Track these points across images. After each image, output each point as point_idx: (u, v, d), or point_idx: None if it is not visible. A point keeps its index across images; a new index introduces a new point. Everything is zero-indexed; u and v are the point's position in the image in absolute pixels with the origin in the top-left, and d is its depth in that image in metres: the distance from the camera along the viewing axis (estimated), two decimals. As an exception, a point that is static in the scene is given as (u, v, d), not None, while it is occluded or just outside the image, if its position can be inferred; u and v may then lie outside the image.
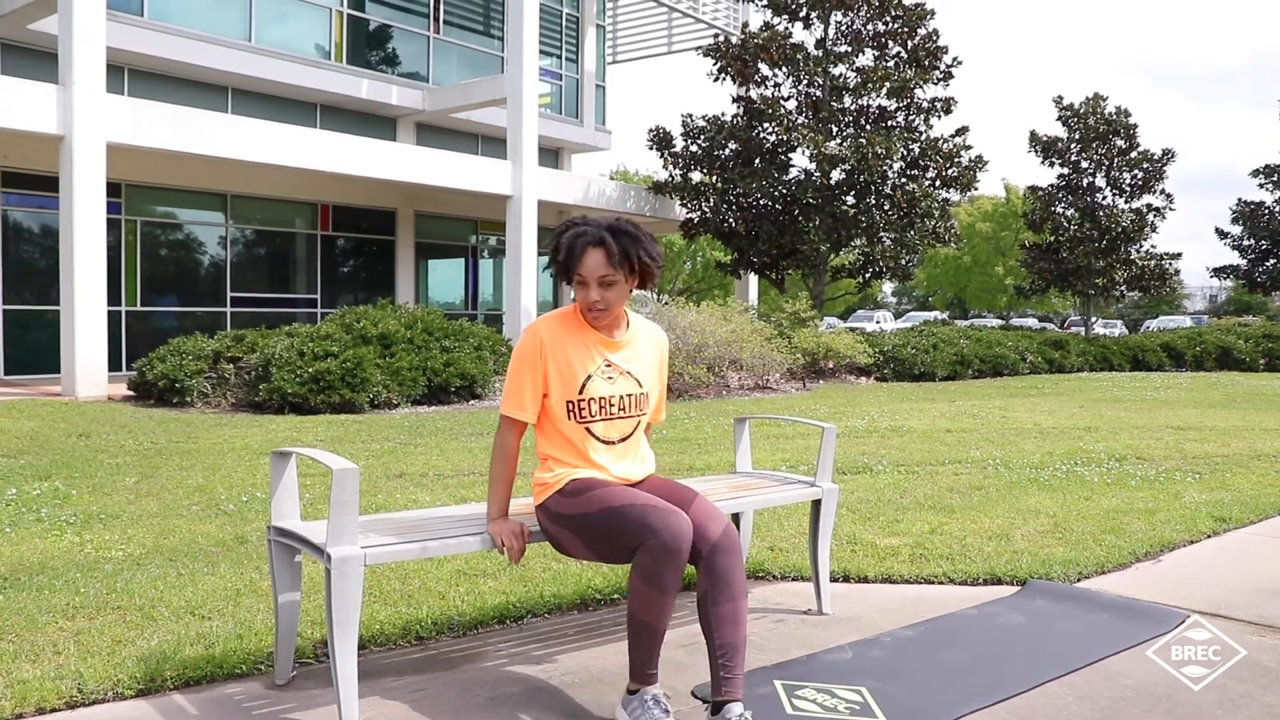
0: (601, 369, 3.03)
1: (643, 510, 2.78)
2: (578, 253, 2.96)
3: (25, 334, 15.27)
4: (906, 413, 11.72)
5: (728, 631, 2.74)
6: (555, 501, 2.99)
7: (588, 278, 2.96)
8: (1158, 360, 22.97)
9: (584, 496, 2.92)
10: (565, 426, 3.02)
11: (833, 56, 21.02)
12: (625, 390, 3.06)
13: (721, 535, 2.82)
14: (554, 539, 3.04)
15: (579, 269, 2.96)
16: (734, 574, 2.79)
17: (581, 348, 3.03)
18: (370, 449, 8.30)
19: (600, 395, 3.00)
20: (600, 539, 2.87)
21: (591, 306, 2.99)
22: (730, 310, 16.39)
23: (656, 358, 3.22)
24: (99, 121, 12.50)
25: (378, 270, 20.68)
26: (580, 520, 2.90)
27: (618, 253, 2.96)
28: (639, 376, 3.11)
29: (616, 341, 3.09)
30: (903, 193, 20.70)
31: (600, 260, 2.95)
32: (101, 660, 3.20)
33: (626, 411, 3.06)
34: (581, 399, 2.98)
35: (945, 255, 52.21)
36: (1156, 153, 25.99)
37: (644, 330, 3.21)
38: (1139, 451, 8.40)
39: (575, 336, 3.04)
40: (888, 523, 5.48)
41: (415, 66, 21.19)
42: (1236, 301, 54.24)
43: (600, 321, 3.03)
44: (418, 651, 3.47)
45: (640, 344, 3.17)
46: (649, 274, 3.04)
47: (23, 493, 6.06)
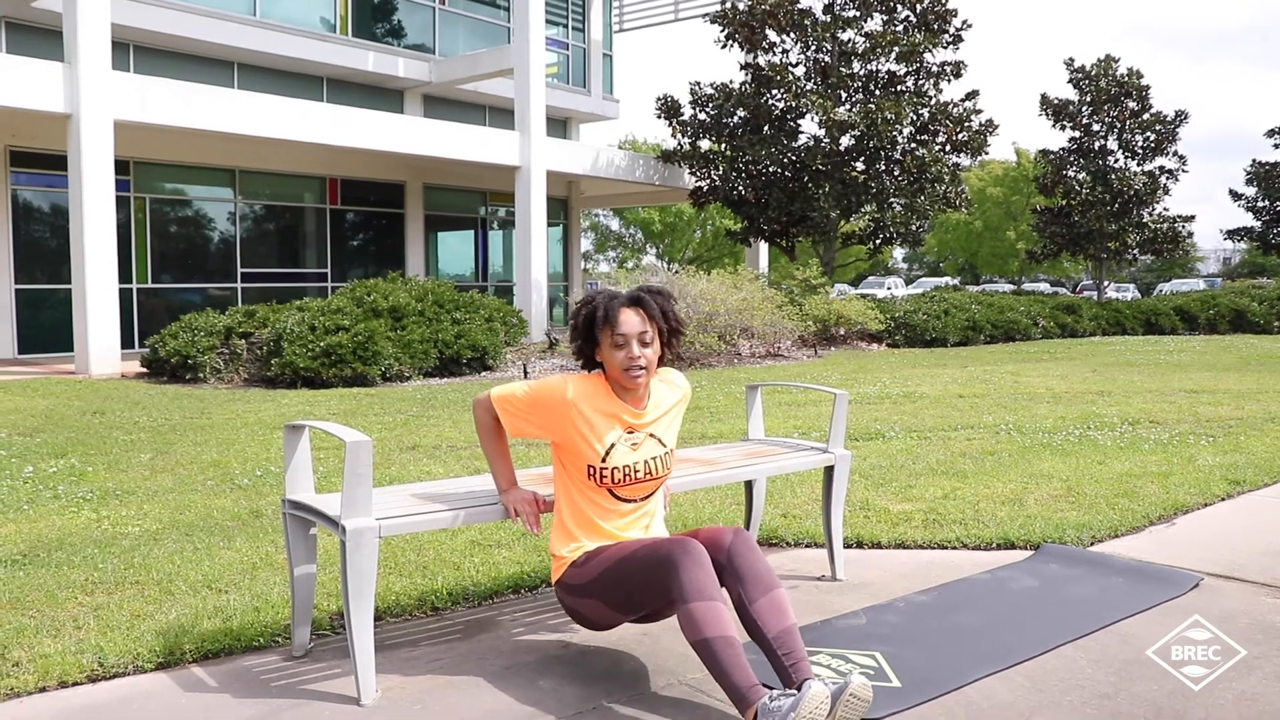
0: (624, 438, 2.98)
1: (652, 543, 2.80)
2: (614, 314, 2.92)
3: (38, 313, 15.33)
4: (918, 379, 11.70)
5: (775, 621, 2.69)
6: (570, 574, 2.97)
7: (629, 336, 2.91)
8: (1171, 324, 22.84)
9: (596, 560, 2.91)
10: (587, 487, 2.99)
11: (841, 21, 20.81)
12: (649, 454, 3.02)
13: (735, 538, 2.82)
14: (577, 614, 3.01)
15: (618, 330, 2.91)
16: (759, 566, 2.78)
17: (607, 415, 2.98)
18: (383, 421, 8.32)
19: (623, 464, 2.97)
20: (621, 589, 2.83)
21: (633, 364, 2.92)
22: (741, 278, 16.35)
23: (679, 407, 3.18)
24: (106, 99, 12.47)
25: (387, 243, 20.67)
26: (597, 582, 2.87)
27: (656, 308, 2.96)
28: (662, 436, 3.07)
29: (641, 411, 3.04)
30: (913, 158, 20.55)
31: (639, 318, 2.94)
32: (121, 634, 3.24)
33: (652, 475, 3.03)
34: (604, 467, 2.95)
35: (956, 220, 51.90)
36: (1169, 114, 25.69)
37: (664, 390, 3.14)
38: (1152, 415, 8.37)
39: (603, 402, 2.99)
40: (901, 488, 5.49)
41: (421, 38, 21.08)
42: (1250, 264, 53.78)
43: (639, 381, 2.96)
44: (434, 622, 3.49)
45: (662, 397, 3.11)
46: (677, 335, 3.03)
47: (39, 470, 6.11)
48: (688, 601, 2.62)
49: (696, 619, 2.60)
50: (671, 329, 3.01)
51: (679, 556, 2.68)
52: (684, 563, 2.66)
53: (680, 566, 2.66)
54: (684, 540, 2.74)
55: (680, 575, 2.65)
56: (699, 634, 2.60)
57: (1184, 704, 2.79)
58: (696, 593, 2.62)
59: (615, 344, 2.92)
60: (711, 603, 2.62)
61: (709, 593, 2.63)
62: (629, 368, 2.93)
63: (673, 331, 3.02)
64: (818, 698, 2.43)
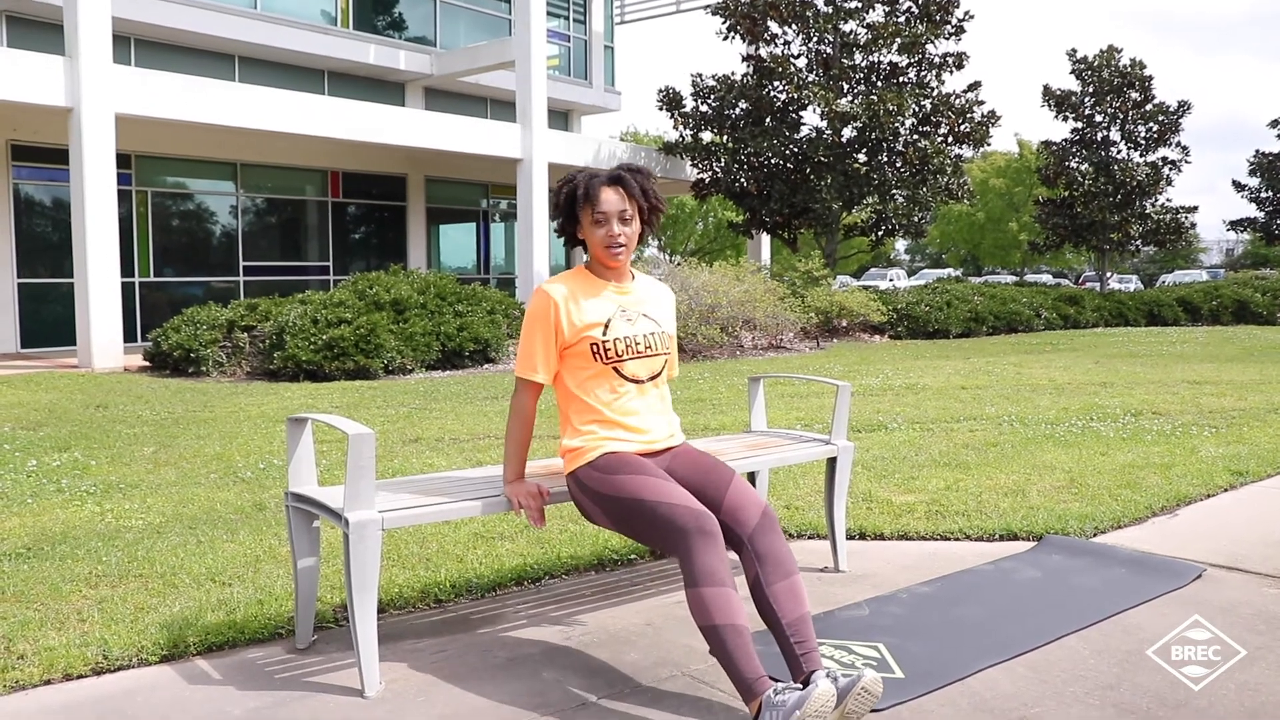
0: (619, 313, 3.03)
1: (670, 507, 2.73)
2: (594, 192, 2.98)
3: (40, 307, 15.33)
4: (921, 370, 11.70)
5: (790, 607, 2.67)
6: (586, 474, 2.95)
7: (609, 213, 2.98)
8: (1173, 315, 22.82)
9: (617, 478, 2.87)
10: (591, 374, 3.00)
11: (843, 13, 20.75)
12: (646, 330, 3.06)
13: (761, 516, 2.81)
14: (583, 508, 3.03)
15: (598, 207, 2.97)
16: (781, 550, 2.76)
17: (596, 298, 3.04)
18: (385, 414, 8.33)
19: (624, 334, 3.00)
20: (628, 524, 2.85)
21: (613, 242, 3.00)
22: (743, 270, 16.34)
23: (668, 307, 3.23)
24: (107, 93, 12.46)
25: (389, 236, 20.66)
26: (611, 501, 2.87)
27: (635, 186, 3.01)
28: (655, 317, 3.12)
29: (627, 289, 3.10)
30: (915, 149, 20.52)
31: (618, 196, 2.99)
32: (125, 627, 3.24)
33: (653, 349, 3.05)
34: (606, 340, 2.98)
35: (958, 212, 51.85)
36: (1171, 105, 25.66)
37: (649, 283, 3.23)
38: (1155, 406, 8.37)
39: (587, 288, 3.05)
40: (903, 480, 5.49)
41: (422, 30, 21.04)
42: (1253, 255, 53.72)
43: (620, 259, 3.03)
44: (437, 614, 3.50)
45: (648, 293, 3.18)
46: (656, 214, 3.10)
47: (43, 464, 6.12)
48: (699, 585, 2.61)
49: (707, 604, 2.59)
50: (651, 206, 3.07)
51: (695, 538, 2.65)
52: (698, 545, 2.64)
53: (694, 549, 2.64)
54: (702, 516, 2.69)
55: (694, 558, 2.63)
56: (708, 620, 2.59)
57: (1186, 694, 2.80)
58: (708, 577, 2.61)
59: (596, 221, 3.00)
60: (722, 589, 2.60)
61: (720, 578, 2.61)
62: (610, 244, 3.01)
63: (652, 209, 3.08)
64: (824, 696, 2.41)
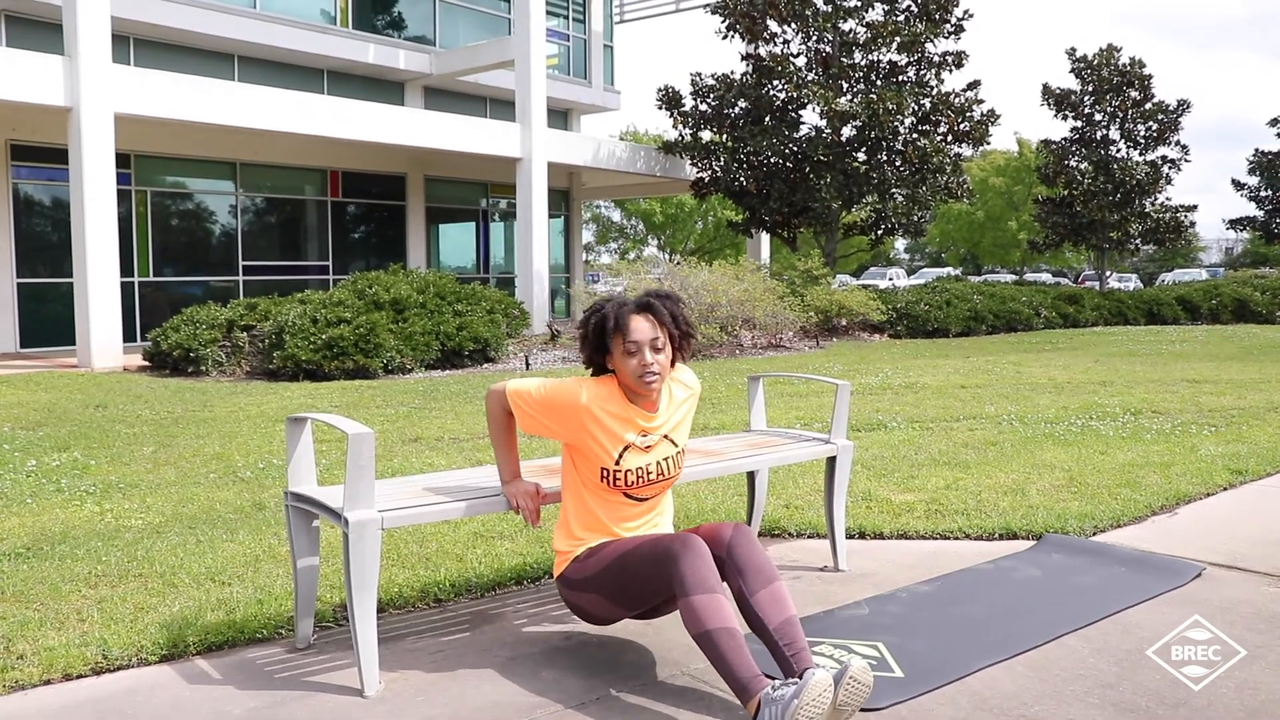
0: (637, 441, 2.96)
1: (653, 539, 2.82)
2: (625, 321, 2.90)
3: (40, 307, 15.33)
4: (920, 369, 11.70)
5: (775, 612, 2.69)
6: (573, 570, 2.97)
7: (640, 342, 2.88)
8: (1173, 314, 22.83)
9: (598, 555, 2.92)
10: (600, 488, 2.98)
11: (842, 11, 20.73)
12: (662, 455, 3.01)
13: (734, 532, 2.83)
14: (579, 608, 3.01)
15: (629, 337, 2.88)
16: (759, 558, 2.78)
17: (621, 419, 2.95)
18: (385, 414, 8.33)
19: (636, 465, 2.96)
20: (622, 584, 2.85)
21: (646, 371, 2.89)
22: (742, 269, 16.35)
23: (690, 405, 3.16)
24: (106, 92, 12.45)
25: (389, 235, 20.65)
26: (599, 576, 2.88)
27: (666, 314, 2.94)
28: (674, 437, 3.06)
29: (654, 415, 3.02)
30: (914, 148, 20.51)
31: (649, 323, 2.91)
32: (125, 627, 3.24)
33: (665, 474, 3.03)
34: (618, 470, 2.94)
35: (958, 211, 51.80)
36: (1171, 104, 25.65)
37: (679, 393, 3.12)
38: (1154, 405, 8.37)
39: (616, 406, 2.95)
40: (903, 479, 5.49)
41: (422, 30, 21.04)
42: (1253, 253, 53.75)
43: (654, 388, 2.93)
44: (436, 613, 3.50)
45: (675, 412, 3.08)
46: (688, 340, 3.01)
47: (42, 464, 6.12)
48: (689, 594, 2.63)
49: (698, 611, 2.61)
50: (683, 333, 2.99)
51: (680, 551, 2.69)
52: (685, 556, 2.67)
53: (681, 560, 2.67)
54: (685, 535, 2.75)
55: (682, 568, 2.66)
56: (701, 626, 2.60)
57: (1186, 693, 2.80)
58: (698, 585, 2.63)
59: (627, 351, 2.89)
60: (713, 595, 2.62)
61: (710, 585, 2.64)
62: (643, 375, 2.90)
63: (684, 335, 3.00)
64: (820, 684, 2.43)
